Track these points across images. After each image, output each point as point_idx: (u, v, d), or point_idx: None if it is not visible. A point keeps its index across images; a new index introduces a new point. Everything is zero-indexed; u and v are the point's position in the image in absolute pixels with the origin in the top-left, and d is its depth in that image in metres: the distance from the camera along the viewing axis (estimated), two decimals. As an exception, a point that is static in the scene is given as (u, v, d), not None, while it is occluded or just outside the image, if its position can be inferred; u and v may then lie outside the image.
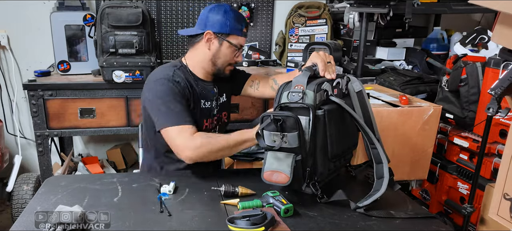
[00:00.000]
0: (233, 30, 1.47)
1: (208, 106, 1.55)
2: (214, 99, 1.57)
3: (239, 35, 1.50)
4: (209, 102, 1.55)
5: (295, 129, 1.09)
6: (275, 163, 1.14)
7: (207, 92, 1.54)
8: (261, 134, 1.15)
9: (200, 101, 1.51)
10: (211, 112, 1.57)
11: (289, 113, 1.10)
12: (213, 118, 1.58)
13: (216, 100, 1.58)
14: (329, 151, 1.19)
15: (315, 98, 1.14)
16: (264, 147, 1.15)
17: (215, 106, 1.58)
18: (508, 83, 1.00)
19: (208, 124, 1.55)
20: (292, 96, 1.14)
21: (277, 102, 1.17)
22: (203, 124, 1.53)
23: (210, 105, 1.55)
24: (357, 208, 1.18)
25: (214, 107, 1.57)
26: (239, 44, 1.51)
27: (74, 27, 2.29)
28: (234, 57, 1.52)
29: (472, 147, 1.90)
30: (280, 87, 1.20)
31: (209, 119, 1.56)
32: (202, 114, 1.52)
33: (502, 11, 0.94)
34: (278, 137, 1.11)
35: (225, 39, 1.47)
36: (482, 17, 3.26)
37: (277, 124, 1.09)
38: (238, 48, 1.51)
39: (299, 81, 1.16)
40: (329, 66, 1.28)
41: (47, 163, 2.28)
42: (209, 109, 1.55)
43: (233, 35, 1.48)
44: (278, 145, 1.11)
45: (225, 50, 1.49)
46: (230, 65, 1.54)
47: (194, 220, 1.11)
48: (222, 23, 1.46)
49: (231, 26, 1.47)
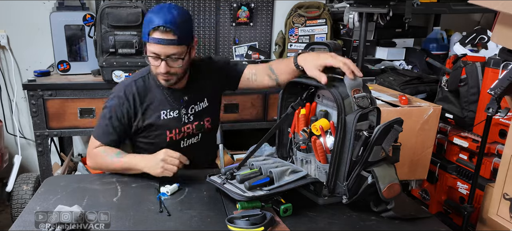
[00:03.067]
0: (144, 36, 1.34)
1: (173, 116, 1.45)
2: (182, 107, 1.47)
3: (146, 40, 1.33)
4: (175, 112, 1.45)
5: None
6: (387, 177, 1.12)
7: (173, 100, 1.45)
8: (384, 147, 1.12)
9: (159, 112, 1.43)
10: (180, 122, 1.47)
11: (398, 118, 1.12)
12: (183, 127, 1.47)
13: (187, 108, 1.48)
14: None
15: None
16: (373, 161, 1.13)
17: (185, 115, 1.48)
18: (508, 83, 1.00)
19: (173, 135, 1.46)
20: (362, 101, 1.13)
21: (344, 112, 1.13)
22: (166, 135, 1.45)
23: (178, 114, 1.46)
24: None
25: (184, 115, 1.47)
26: (150, 52, 1.33)
27: (74, 27, 2.29)
28: (156, 67, 1.35)
29: (471, 147, 1.90)
30: (337, 98, 1.13)
31: (175, 129, 1.46)
32: (163, 125, 1.44)
33: (502, 11, 0.94)
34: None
35: (145, 47, 1.37)
36: (481, 17, 3.26)
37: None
38: (152, 57, 1.34)
39: (355, 85, 1.15)
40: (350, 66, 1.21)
41: (47, 163, 2.28)
42: (176, 119, 1.46)
43: (145, 42, 1.35)
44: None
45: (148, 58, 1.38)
46: (158, 75, 1.39)
47: (194, 220, 1.11)
48: (143, 28, 1.36)
49: (144, 32, 1.34)
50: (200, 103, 1.52)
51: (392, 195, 1.12)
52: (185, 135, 1.49)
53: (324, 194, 1.20)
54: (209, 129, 1.56)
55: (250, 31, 2.90)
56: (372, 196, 1.16)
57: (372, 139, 1.08)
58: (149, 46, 1.33)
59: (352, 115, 1.11)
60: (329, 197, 1.20)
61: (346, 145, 1.13)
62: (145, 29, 1.33)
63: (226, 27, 2.85)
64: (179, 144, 1.49)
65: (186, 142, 1.51)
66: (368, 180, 1.11)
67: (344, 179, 1.14)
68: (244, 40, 2.90)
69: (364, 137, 1.08)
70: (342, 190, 1.15)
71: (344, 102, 1.12)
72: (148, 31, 1.31)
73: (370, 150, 1.09)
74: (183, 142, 1.50)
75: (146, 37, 1.32)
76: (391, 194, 1.12)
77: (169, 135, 1.46)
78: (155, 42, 1.31)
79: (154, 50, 1.32)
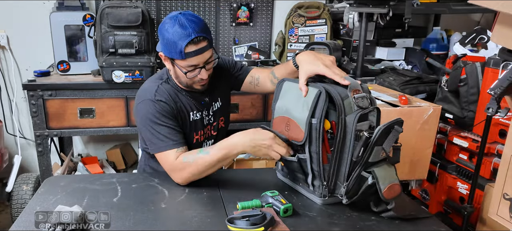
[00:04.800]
0: (174, 55, 1.32)
1: (198, 118, 1.46)
2: (204, 109, 1.49)
3: (181, 58, 1.30)
4: (199, 113, 1.47)
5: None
6: (387, 178, 1.12)
7: (196, 102, 1.46)
8: (384, 148, 1.11)
9: (188, 114, 1.43)
10: (203, 123, 1.49)
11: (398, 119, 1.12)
12: (206, 128, 1.50)
13: (208, 110, 1.50)
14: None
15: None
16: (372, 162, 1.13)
17: (207, 116, 1.50)
18: (508, 83, 1.00)
19: (198, 136, 1.47)
20: (362, 102, 1.13)
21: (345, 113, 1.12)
22: (193, 137, 1.46)
23: (201, 116, 1.47)
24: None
25: (205, 116, 1.49)
26: (189, 66, 1.33)
27: (73, 27, 2.29)
28: (194, 77, 1.37)
29: (471, 147, 1.90)
30: (336, 99, 1.12)
31: (200, 131, 1.48)
32: (191, 127, 1.45)
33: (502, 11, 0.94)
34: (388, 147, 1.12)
35: (174, 62, 1.35)
36: (481, 17, 3.27)
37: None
38: (190, 70, 1.34)
39: (355, 86, 1.15)
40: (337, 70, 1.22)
41: (47, 163, 2.28)
42: (200, 120, 1.47)
43: (176, 59, 1.33)
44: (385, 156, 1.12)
45: (180, 72, 1.36)
46: (196, 83, 1.40)
47: (194, 220, 1.11)
48: (165, 46, 1.32)
49: (171, 50, 1.31)
50: (216, 103, 1.54)
51: (393, 195, 1.12)
52: (206, 136, 1.51)
53: (324, 194, 1.20)
54: (223, 128, 1.59)
55: (250, 31, 2.90)
56: (372, 196, 1.16)
57: (372, 140, 1.08)
58: (185, 62, 1.32)
59: (352, 115, 1.11)
60: (329, 197, 1.20)
61: (346, 146, 1.13)
62: (174, 47, 1.29)
63: (226, 27, 2.85)
64: (202, 145, 1.51)
65: (206, 143, 1.53)
66: (369, 180, 1.11)
67: (345, 179, 1.15)
68: (244, 40, 2.91)
69: (364, 138, 1.08)
70: (342, 191, 1.15)
71: (343, 103, 1.12)
72: (180, 49, 1.28)
73: (371, 150, 1.09)
74: (205, 144, 1.52)
75: (180, 55, 1.30)
76: (391, 194, 1.12)
77: (195, 137, 1.47)
78: (194, 55, 1.30)
79: (193, 62, 1.32)
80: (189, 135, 1.44)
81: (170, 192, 1.26)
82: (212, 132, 1.55)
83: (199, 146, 1.49)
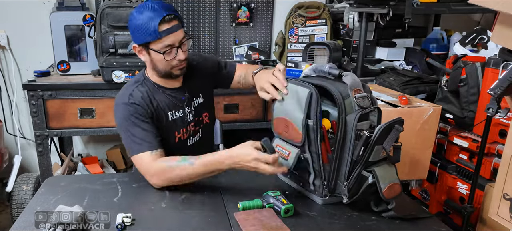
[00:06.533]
0: (148, 37, 1.31)
1: (180, 115, 1.46)
2: (185, 105, 1.48)
3: (157, 38, 1.31)
4: (180, 111, 1.46)
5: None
6: (387, 177, 1.12)
7: (176, 100, 1.45)
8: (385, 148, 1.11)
9: (167, 114, 1.42)
10: (185, 120, 1.47)
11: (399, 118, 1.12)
12: (188, 125, 1.49)
13: (189, 105, 1.49)
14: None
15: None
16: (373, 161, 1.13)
17: (190, 112, 1.49)
18: (508, 83, 1.00)
19: (181, 135, 1.46)
20: (363, 101, 1.13)
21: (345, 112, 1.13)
22: (175, 136, 1.45)
23: (183, 113, 1.46)
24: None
25: (188, 113, 1.48)
26: (165, 46, 1.33)
27: (73, 27, 2.29)
28: (172, 59, 1.36)
29: (471, 147, 1.90)
30: (337, 98, 1.12)
31: (182, 129, 1.46)
32: (172, 127, 1.44)
33: (502, 11, 0.94)
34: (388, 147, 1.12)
35: (149, 48, 1.35)
36: (481, 17, 3.27)
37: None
38: (167, 52, 1.34)
39: (356, 85, 1.15)
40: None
41: (47, 163, 2.28)
42: (182, 118, 1.46)
43: (152, 42, 1.33)
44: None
45: (157, 57, 1.36)
46: (175, 67, 1.39)
47: (194, 220, 1.11)
48: (138, 34, 1.33)
49: (145, 33, 1.31)
50: (197, 99, 1.54)
51: (393, 195, 1.12)
52: (190, 133, 1.51)
53: (325, 194, 1.20)
54: (208, 124, 1.59)
55: (250, 31, 2.90)
56: (373, 196, 1.16)
57: (373, 139, 1.08)
58: (160, 42, 1.32)
59: (353, 115, 1.11)
60: (329, 197, 1.20)
61: (346, 145, 1.13)
62: (146, 30, 1.30)
63: (226, 27, 2.85)
64: (186, 143, 1.50)
65: (191, 140, 1.52)
66: (369, 180, 1.11)
67: (345, 179, 1.15)
68: (244, 40, 2.91)
69: (365, 137, 1.08)
70: (343, 190, 1.16)
71: (344, 102, 1.12)
72: (153, 29, 1.29)
73: (371, 150, 1.09)
74: (189, 141, 1.51)
75: (154, 35, 1.30)
76: (391, 194, 1.12)
77: (177, 135, 1.46)
78: (167, 33, 1.31)
79: (168, 42, 1.33)
80: (170, 135, 1.44)
81: (171, 192, 1.26)
82: (196, 128, 1.53)
83: (183, 144, 1.48)
